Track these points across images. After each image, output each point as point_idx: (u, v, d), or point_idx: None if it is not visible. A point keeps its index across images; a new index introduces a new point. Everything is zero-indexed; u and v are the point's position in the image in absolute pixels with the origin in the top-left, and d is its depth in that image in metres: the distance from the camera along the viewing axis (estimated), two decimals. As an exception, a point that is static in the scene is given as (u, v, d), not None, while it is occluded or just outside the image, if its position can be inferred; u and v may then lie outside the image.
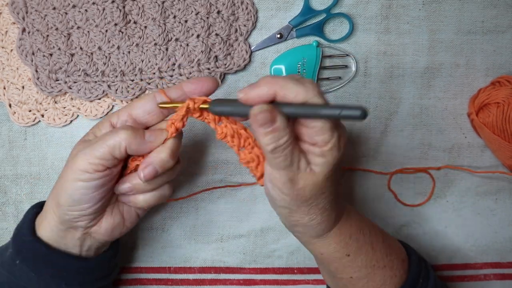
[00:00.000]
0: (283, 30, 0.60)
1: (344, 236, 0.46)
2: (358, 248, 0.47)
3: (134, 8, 0.58)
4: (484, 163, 0.63)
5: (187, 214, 0.63)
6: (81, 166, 0.43)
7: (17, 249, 0.47)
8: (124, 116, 0.45)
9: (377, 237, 0.48)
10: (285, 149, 0.39)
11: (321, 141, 0.39)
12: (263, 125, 0.38)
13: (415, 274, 0.48)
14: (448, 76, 0.62)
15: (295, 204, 0.42)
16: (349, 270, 0.47)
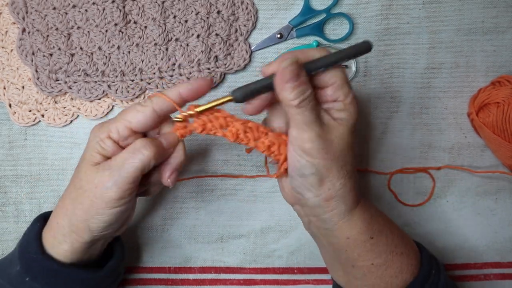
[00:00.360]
0: (283, 30, 0.60)
1: (367, 215, 0.47)
2: (380, 230, 0.47)
3: (134, 8, 0.58)
4: (484, 163, 0.63)
5: (187, 214, 0.63)
6: (116, 195, 0.43)
7: (26, 266, 0.47)
8: (124, 131, 0.44)
9: (392, 223, 0.50)
10: (310, 101, 0.42)
11: (343, 95, 0.43)
12: (290, 80, 0.41)
13: (428, 265, 0.49)
14: (448, 76, 0.62)
15: (325, 166, 0.43)
16: (371, 255, 0.47)
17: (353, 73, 0.61)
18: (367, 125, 0.62)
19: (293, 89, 0.41)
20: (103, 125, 0.45)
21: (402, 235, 0.50)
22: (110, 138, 0.44)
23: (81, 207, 0.44)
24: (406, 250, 0.48)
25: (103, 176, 0.43)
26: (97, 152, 0.45)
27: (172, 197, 0.62)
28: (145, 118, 0.44)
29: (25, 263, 0.47)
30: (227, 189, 0.62)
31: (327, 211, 0.45)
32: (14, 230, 0.62)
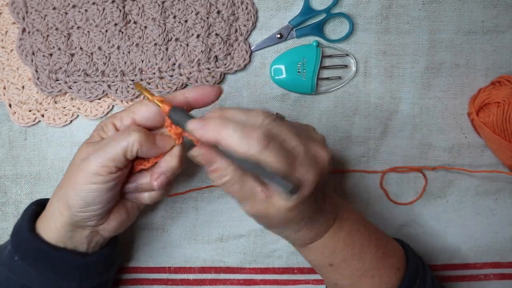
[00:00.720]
0: (283, 30, 0.60)
1: (327, 249, 0.46)
2: (343, 260, 0.47)
3: (134, 8, 0.58)
4: (484, 163, 0.63)
5: (187, 214, 0.63)
6: (95, 169, 0.43)
7: (16, 245, 0.48)
8: (127, 120, 0.45)
9: (369, 247, 0.48)
10: (232, 185, 0.40)
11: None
12: (206, 164, 0.40)
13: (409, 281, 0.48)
14: (448, 76, 0.62)
15: (265, 226, 0.44)
16: (334, 276, 0.48)
17: (353, 73, 0.61)
18: (367, 125, 0.62)
19: (210, 173, 0.40)
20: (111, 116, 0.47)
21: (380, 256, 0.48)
22: (112, 124, 0.46)
23: (66, 180, 0.46)
24: (380, 271, 0.47)
25: (89, 148, 0.44)
26: (97, 134, 0.46)
27: (172, 197, 0.62)
28: (148, 112, 0.45)
29: (15, 242, 0.48)
30: (227, 189, 0.62)
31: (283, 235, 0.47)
32: (14, 230, 0.62)
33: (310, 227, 0.45)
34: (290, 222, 0.43)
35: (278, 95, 0.61)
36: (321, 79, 0.61)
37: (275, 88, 0.61)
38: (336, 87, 0.61)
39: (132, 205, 0.50)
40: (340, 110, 0.61)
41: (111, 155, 0.43)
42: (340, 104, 0.61)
